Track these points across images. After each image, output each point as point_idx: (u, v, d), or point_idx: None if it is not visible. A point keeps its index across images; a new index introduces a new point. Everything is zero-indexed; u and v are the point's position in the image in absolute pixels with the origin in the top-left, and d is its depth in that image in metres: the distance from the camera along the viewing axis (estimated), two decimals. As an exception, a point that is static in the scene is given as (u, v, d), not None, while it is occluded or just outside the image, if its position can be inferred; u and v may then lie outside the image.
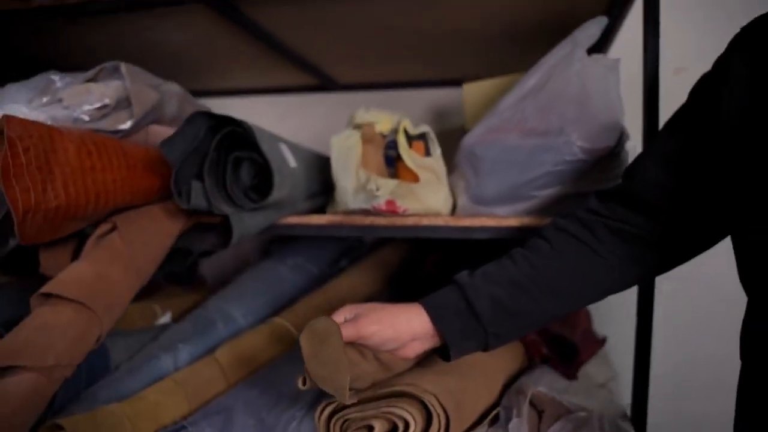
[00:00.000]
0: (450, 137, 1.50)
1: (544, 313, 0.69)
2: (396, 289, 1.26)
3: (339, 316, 0.68)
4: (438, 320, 0.67)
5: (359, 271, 1.23)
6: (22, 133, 0.70)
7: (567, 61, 0.93)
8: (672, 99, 0.87)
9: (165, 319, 1.12)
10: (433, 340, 0.68)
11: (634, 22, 1.07)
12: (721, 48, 0.63)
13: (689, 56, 1.57)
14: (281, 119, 1.74)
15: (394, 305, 0.69)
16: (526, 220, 0.87)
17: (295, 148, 1.03)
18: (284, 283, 1.20)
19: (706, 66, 0.67)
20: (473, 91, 1.28)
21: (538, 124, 0.91)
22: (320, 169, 1.05)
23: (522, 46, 1.28)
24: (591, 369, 1.11)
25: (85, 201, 0.79)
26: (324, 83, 1.62)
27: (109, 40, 1.19)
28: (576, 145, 0.87)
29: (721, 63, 0.61)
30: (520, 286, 0.66)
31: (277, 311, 1.11)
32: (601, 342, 1.24)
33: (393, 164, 0.94)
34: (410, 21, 1.10)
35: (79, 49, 1.24)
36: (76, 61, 1.17)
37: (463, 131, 1.20)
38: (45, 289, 0.75)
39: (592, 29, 0.96)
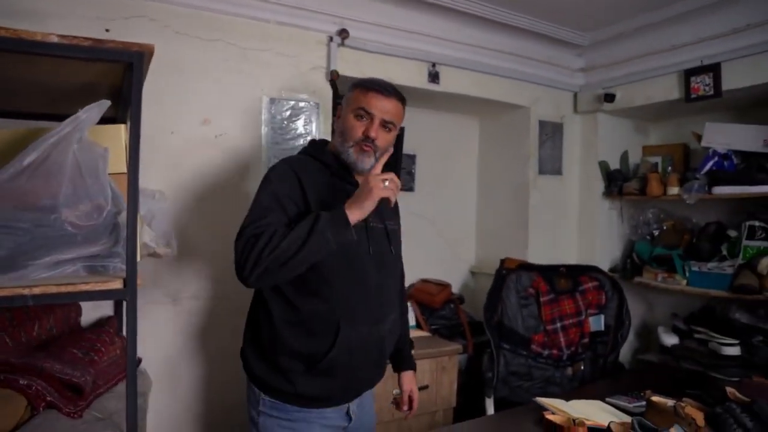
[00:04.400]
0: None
1: None
2: None
3: None
4: None
5: None
6: None
7: (66, 142, 1.05)
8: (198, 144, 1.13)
9: None
10: None
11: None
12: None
13: (213, 111, 1.93)
14: None
15: None
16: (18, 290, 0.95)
17: None
18: None
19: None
20: (-12, 138, 1.26)
21: (34, 199, 1.01)
22: None
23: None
24: (109, 403, 1.27)
25: None
26: None
27: None
28: (66, 222, 1.01)
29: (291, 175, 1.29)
30: None
31: None
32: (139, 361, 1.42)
33: None
34: None
35: None
36: None
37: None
38: None
39: (94, 112, 1.10)
